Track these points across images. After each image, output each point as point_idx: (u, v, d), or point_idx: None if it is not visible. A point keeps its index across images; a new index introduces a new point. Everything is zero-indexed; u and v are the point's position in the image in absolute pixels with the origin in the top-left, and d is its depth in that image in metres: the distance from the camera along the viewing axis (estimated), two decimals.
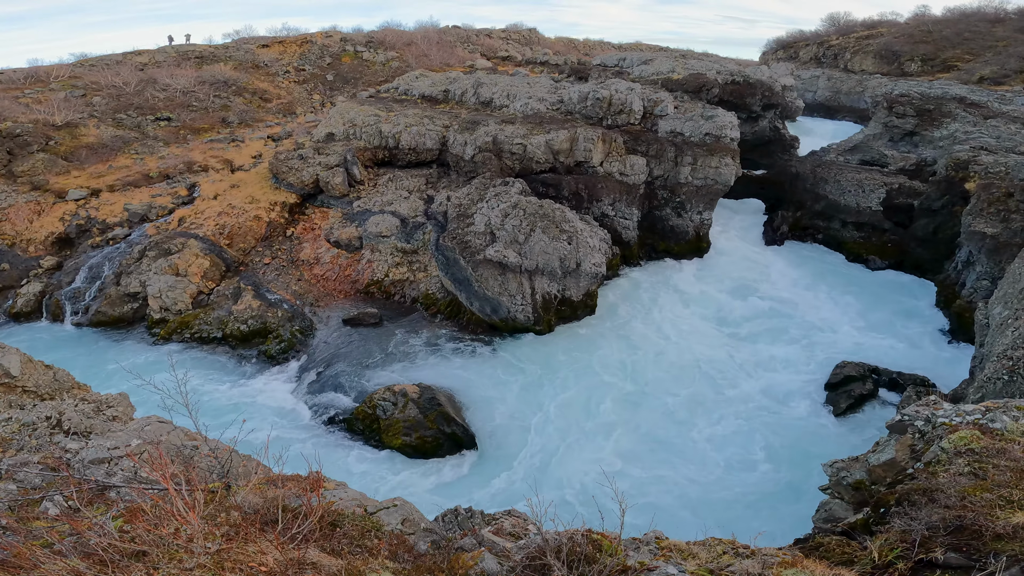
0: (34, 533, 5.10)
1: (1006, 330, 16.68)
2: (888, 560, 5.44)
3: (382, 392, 21.10)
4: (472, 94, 38.88)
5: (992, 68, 45.14)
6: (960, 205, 29.60)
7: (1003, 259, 25.05)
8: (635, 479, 18.40)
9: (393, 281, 28.24)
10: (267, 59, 55.93)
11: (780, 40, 79.98)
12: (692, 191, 32.82)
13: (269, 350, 24.77)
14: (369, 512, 6.87)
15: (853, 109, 59.22)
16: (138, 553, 4.32)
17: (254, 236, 30.35)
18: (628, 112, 33.73)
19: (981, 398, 14.29)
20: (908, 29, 62.21)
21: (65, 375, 10.72)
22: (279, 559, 4.42)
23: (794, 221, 36.73)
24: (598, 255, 26.77)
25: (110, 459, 7.58)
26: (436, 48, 58.74)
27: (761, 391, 22.74)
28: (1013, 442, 7.13)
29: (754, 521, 16.34)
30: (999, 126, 34.90)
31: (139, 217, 31.15)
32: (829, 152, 40.06)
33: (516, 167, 30.68)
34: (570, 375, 23.43)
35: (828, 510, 8.15)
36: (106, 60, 51.41)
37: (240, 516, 5.22)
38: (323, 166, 32.47)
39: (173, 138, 39.95)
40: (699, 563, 5.45)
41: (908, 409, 8.75)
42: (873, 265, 33.02)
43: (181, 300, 26.39)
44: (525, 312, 25.41)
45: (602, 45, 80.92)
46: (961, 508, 5.74)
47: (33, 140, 35.02)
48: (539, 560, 5.07)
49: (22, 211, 30.60)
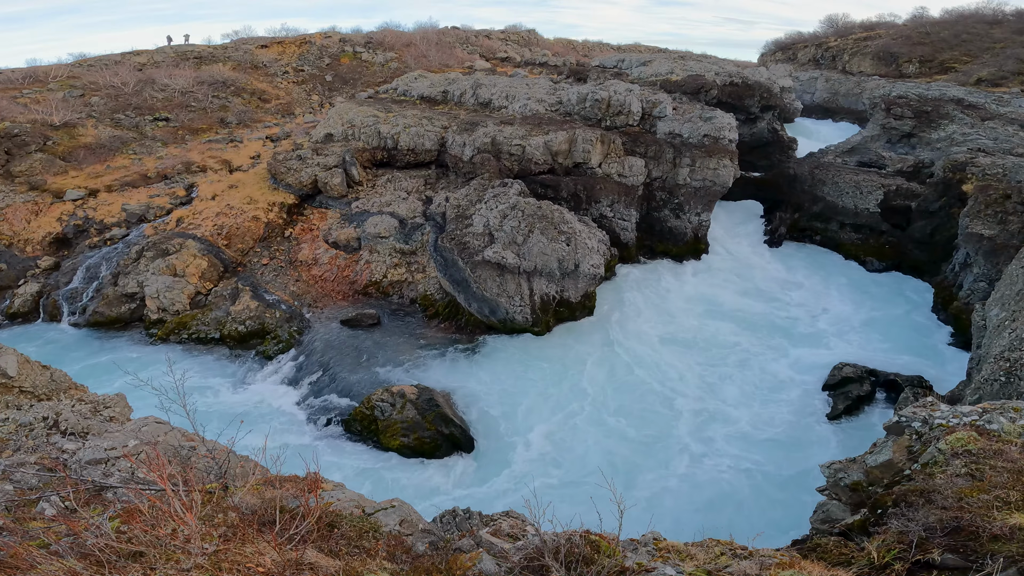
0: (30, 534, 5.08)
1: (1003, 332, 16.72)
2: (885, 561, 5.45)
3: (380, 393, 21.08)
4: (471, 95, 38.89)
5: (990, 70, 45.19)
6: (957, 207, 29.66)
7: (1000, 261, 25.10)
8: (634, 480, 18.42)
9: (391, 282, 28.23)
10: (266, 60, 55.90)
11: (778, 42, 79.99)
12: (690, 192, 32.86)
13: (267, 351, 24.75)
14: (367, 513, 6.87)
15: (851, 111, 59.26)
16: (135, 554, 4.31)
17: (252, 237, 30.32)
18: (627, 113, 33.76)
19: (978, 399, 14.32)
20: (906, 31, 62.28)
21: (62, 375, 10.69)
22: (277, 560, 4.42)
23: (792, 223, 36.79)
24: (596, 256, 26.79)
25: (107, 460, 7.57)
26: (435, 49, 58.77)
27: (758, 392, 22.78)
28: (1010, 443, 7.14)
29: (752, 522, 16.37)
30: (997, 128, 34.99)
31: (137, 217, 31.12)
32: (827, 154, 40.12)
33: (515, 168, 30.69)
34: (568, 376, 23.44)
35: (825, 511, 8.15)
36: (104, 60, 51.34)
37: (237, 517, 5.21)
38: (321, 167, 32.45)
39: (171, 138, 39.90)
40: (697, 564, 5.45)
41: (905, 410, 8.76)
42: (871, 267, 33.08)
43: (179, 301, 26.36)
44: (523, 313, 25.41)
45: (601, 46, 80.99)
46: (958, 509, 5.74)
47: (31, 140, 34.97)
48: (537, 561, 5.07)
49: (20, 211, 30.55)
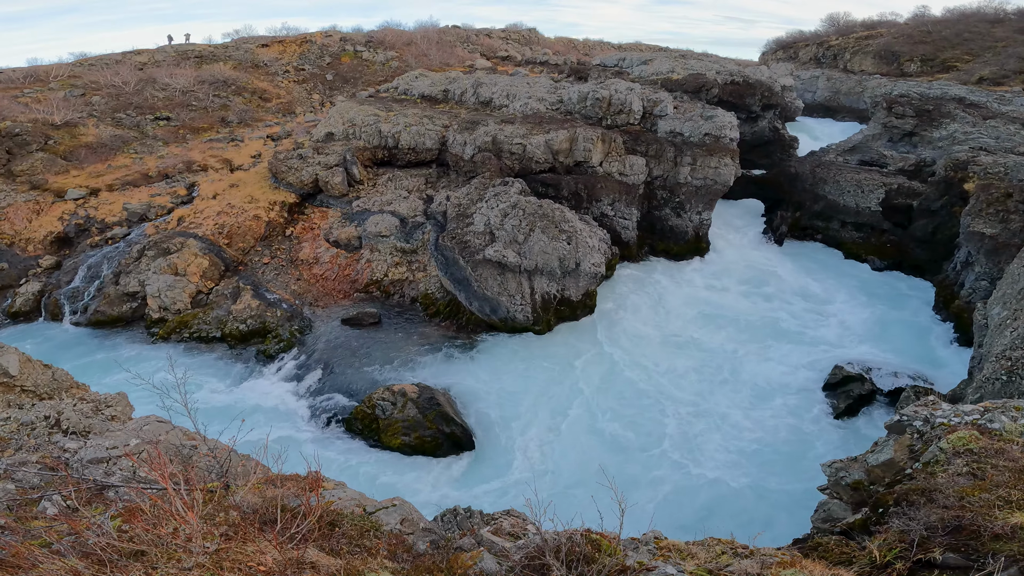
0: (32, 533, 5.09)
1: (1005, 330, 16.70)
2: (887, 560, 5.45)
3: (381, 392, 21.09)
4: (472, 94, 38.86)
5: (991, 69, 45.11)
6: (959, 206, 29.62)
7: (1002, 260, 25.06)
8: (634, 479, 18.42)
9: (392, 281, 28.23)
10: (267, 59, 55.90)
11: (780, 40, 79.90)
12: (691, 191, 32.83)
13: (268, 350, 24.77)
14: (368, 512, 6.87)
15: (853, 109, 59.22)
16: (136, 553, 4.31)
17: (253, 236, 30.33)
18: (628, 112, 33.73)
19: (980, 398, 14.30)
20: (907, 30, 62.19)
21: (64, 374, 10.71)
22: (278, 559, 4.42)
23: (793, 221, 36.76)
24: (597, 255, 26.77)
25: (108, 459, 7.58)
26: (436, 48, 58.74)
27: (759, 391, 22.77)
28: (1011, 442, 7.13)
29: (753, 521, 16.37)
30: (998, 127, 34.94)
31: (138, 217, 31.14)
32: (828, 152, 40.07)
33: (515, 167, 30.67)
34: (569, 375, 23.44)
35: (827, 510, 8.15)
36: (105, 60, 51.38)
37: (239, 516, 5.22)
38: (322, 166, 32.45)
39: (172, 138, 39.93)
40: (698, 563, 5.45)
41: (906, 409, 8.76)
42: (872, 265, 33.04)
43: (180, 300, 26.37)
44: (524, 312, 25.41)
45: (602, 45, 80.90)
46: (959, 508, 5.74)
47: (32, 139, 35.00)
48: (538, 560, 5.07)
49: (21, 210, 30.58)
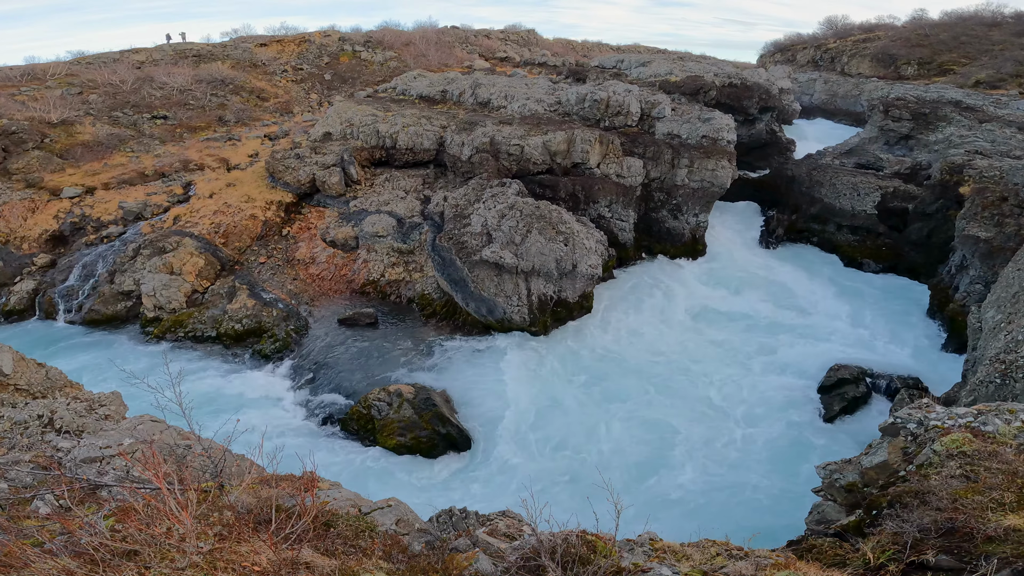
0: (25, 532, 5.07)
1: (999, 334, 16.77)
2: (880, 562, 5.47)
3: (377, 392, 21.06)
4: (470, 95, 38.86)
5: (988, 72, 45.28)
6: (954, 209, 29.74)
7: (996, 263, 25.16)
8: (630, 480, 18.43)
9: (389, 281, 28.21)
10: (265, 58, 55.80)
11: (778, 43, 80.00)
12: (688, 193, 32.88)
13: (264, 349, 24.71)
14: (363, 512, 6.86)
15: (850, 112, 59.34)
16: (130, 552, 4.30)
17: (249, 235, 30.26)
18: (625, 114, 33.78)
19: (973, 401, 14.36)
20: (905, 33, 62.38)
21: (57, 373, 10.67)
22: (272, 559, 4.41)
23: (789, 224, 36.84)
24: (594, 256, 26.80)
25: (102, 458, 7.55)
26: (434, 48, 58.72)
27: (754, 393, 22.80)
28: (1005, 445, 7.16)
29: (747, 523, 16.37)
30: (994, 130, 35.09)
31: (134, 215, 31.04)
32: (825, 155, 40.16)
33: (513, 168, 30.68)
34: (566, 376, 23.46)
35: (821, 512, 8.17)
36: (103, 58, 51.21)
37: (233, 516, 5.20)
38: (320, 165, 32.40)
39: (169, 136, 39.82)
40: (693, 564, 5.46)
41: (901, 412, 8.78)
42: (868, 268, 33.14)
43: (175, 299, 26.30)
44: (521, 313, 25.41)
45: (600, 47, 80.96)
46: (953, 510, 5.76)
47: (28, 137, 34.87)
48: (533, 561, 5.07)
49: (16, 208, 30.46)
